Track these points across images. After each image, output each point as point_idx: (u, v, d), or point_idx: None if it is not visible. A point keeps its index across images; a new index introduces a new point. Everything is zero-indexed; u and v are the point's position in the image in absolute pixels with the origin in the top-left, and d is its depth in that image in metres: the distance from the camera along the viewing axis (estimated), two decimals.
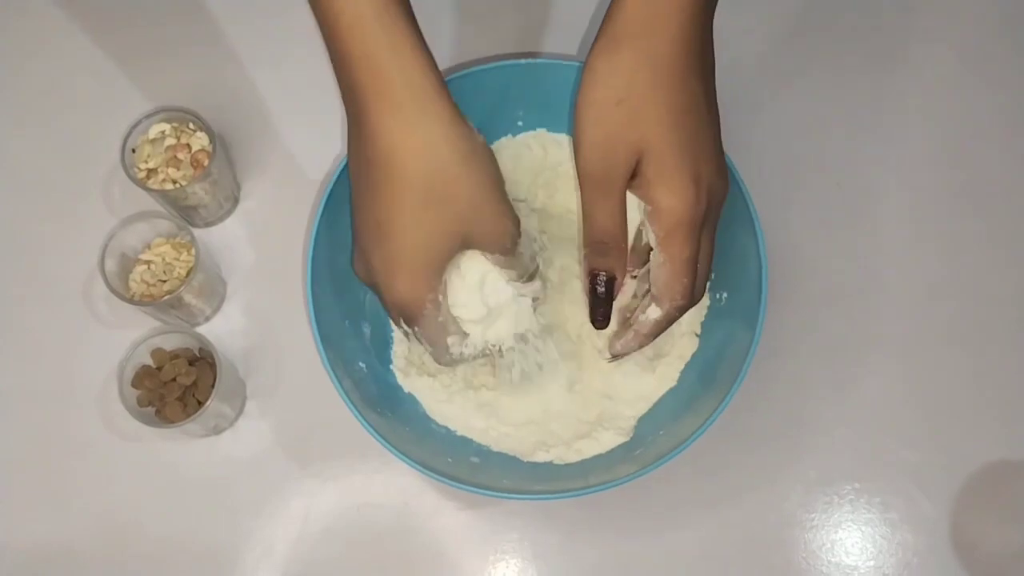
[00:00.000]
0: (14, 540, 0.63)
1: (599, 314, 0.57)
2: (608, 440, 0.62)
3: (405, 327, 0.54)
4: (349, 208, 0.55)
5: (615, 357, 0.60)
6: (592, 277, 0.56)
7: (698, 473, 0.64)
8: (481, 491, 0.56)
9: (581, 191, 0.54)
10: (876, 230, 0.70)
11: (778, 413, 0.65)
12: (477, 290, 0.55)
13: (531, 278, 0.57)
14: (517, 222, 0.54)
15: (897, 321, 0.67)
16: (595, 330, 0.58)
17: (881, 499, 0.64)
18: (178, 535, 0.63)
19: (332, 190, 0.60)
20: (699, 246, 0.53)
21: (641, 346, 0.58)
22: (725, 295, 0.63)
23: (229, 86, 0.72)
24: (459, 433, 0.63)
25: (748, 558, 0.63)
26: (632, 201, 0.54)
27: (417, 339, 0.55)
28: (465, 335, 0.56)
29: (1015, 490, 0.64)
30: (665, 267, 0.53)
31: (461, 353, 0.56)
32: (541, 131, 0.67)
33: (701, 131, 0.52)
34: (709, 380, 0.61)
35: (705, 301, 0.64)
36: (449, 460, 0.59)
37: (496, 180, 0.53)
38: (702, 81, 0.52)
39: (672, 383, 0.63)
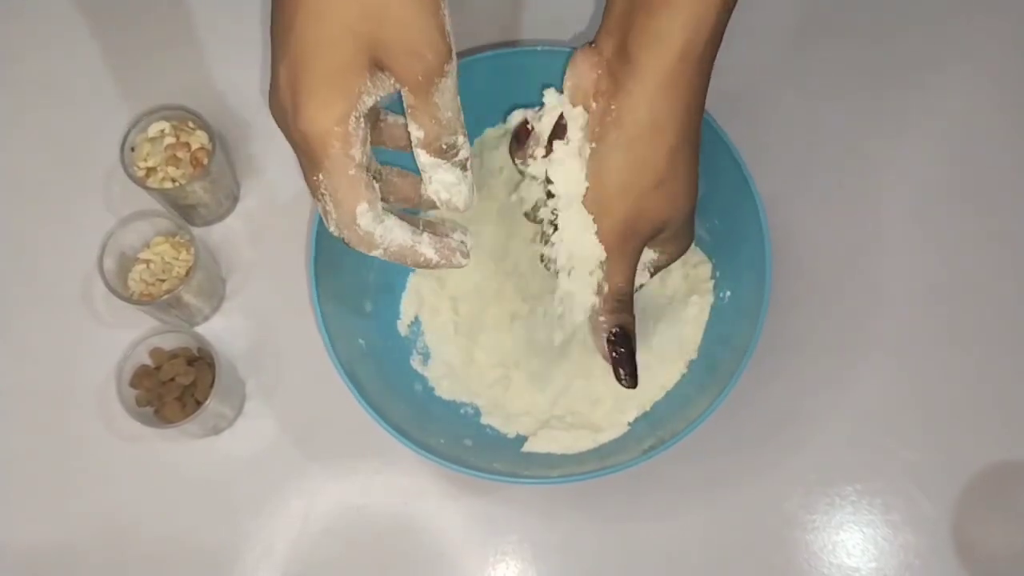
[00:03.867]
0: (14, 540, 0.63)
1: (627, 371, 0.55)
2: (606, 434, 0.62)
3: (317, 190, 0.46)
4: None
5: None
6: (612, 335, 0.55)
7: (698, 474, 0.64)
8: (471, 472, 0.56)
9: (608, 259, 0.54)
10: (877, 230, 0.69)
11: (778, 414, 0.65)
12: None
13: (448, 153, 0.47)
14: (445, 49, 0.44)
15: (898, 321, 0.67)
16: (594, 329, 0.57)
17: (882, 500, 0.64)
18: (178, 535, 0.63)
19: None
20: None
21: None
22: (728, 294, 0.63)
23: (229, 85, 0.72)
24: (461, 402, 0.63)
25: (749, 559, 0.63)
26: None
27: (320, 199, 0.46)
28: (381, 211, 0.47)
29: (1016, 490, 0.64)
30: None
31: (372, 233, 0.46)
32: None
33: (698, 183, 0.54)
34: (709, 377, 0.61)
35: (709, 299, 0.64)
36: (442, 441, 0.59)
37: None
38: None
39: (675, 380, 0.63)
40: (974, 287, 0.68)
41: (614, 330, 0.55)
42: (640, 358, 0.63)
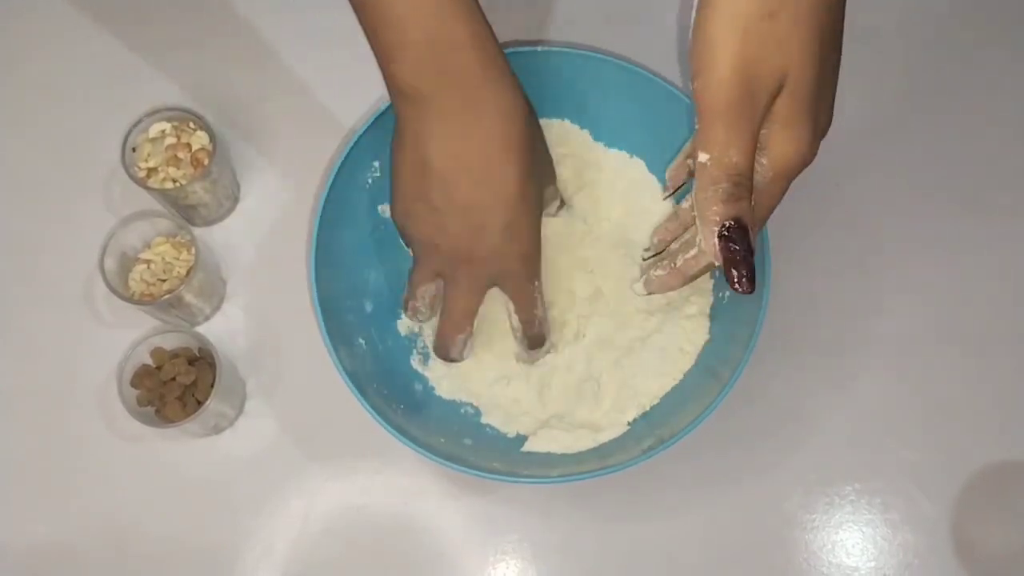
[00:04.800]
0: (14, 540, 0.63)
1: (744, 272, 0.45)
2: (606, 433, 0.62)
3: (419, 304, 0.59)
4: (357, 189, 0.56)
5: (650, 292, 0.56)
6: (727, 229, 0.45)
7: (698, 473, 0.64)
8: (470, 471, 0.56)
9: (708, 124, 0.44)
10: (876, 229, 0.69)
11: (778, 414, 0.65)
12: None
13: (539, 343, 0.61)
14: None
15: (897, 321, 0.67)
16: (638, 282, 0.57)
17: (882, 500, 0.64)
18: (178, 535, 0.63)
19: (335, 177, 0.61)
20: None
21: (680, 286, 0.53)
22: (727, 294, 0.63)
23: (229, 86, 0.72)
24: (461, 401, 0.64)
25: (748, 558, 0.63)
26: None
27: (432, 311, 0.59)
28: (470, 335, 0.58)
29: (1015, 490, 0.64)
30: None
31: (461, 353, 0.58)
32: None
33: (835, 69, 0.46)
34: (709, 377, 0.61)
35: (708, 299, 0.64)
36: (442, 440, 0.60)
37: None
38: (843, 6, 0.45)
39: (675, 381, 0.63)
40: (974, 287, 0.68)
41: (728, 223, 0.45)
42: (639, 357, 0.63)
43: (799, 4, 0.43)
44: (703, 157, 0.45)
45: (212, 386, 0.60)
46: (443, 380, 0.64)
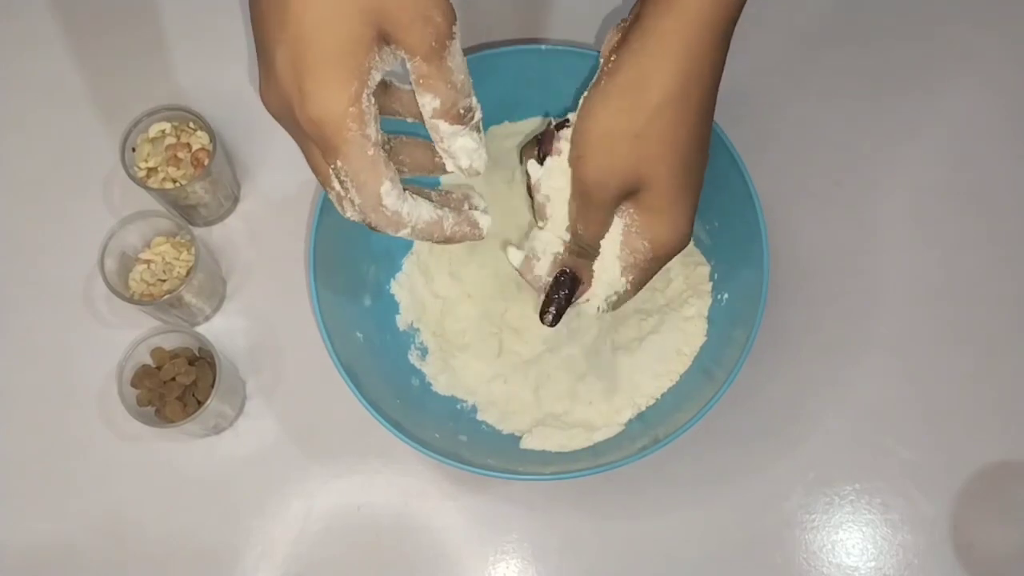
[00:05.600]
0: (14, 540, 0.63)
1: (553, 310, 0.55)
2: (601, 432, 0.62)
3: (334, 183, 0.46)
4: None
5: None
6: (560, 273, 0.55)
7: (697, 474, 0.64)
8: (465, 467, 0.56)
9: (574, 201, 0.53)
10: (876, 230, 0.69)
11: (778, 414, 0.65)
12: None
13: (466, 118, 0.48)
14: (450, 12, 0.44)
15: (897, 321, 0.67)
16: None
17: (881, 499, 0.64)
18: (178, 535, 0.63)
19: None
20: None
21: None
22: (726, 296, 0.63)
23: (229, 86, 0.72)
24: (458, 398, 0.63)
25: (748, 558, 0.63)
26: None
27: (342, 186, 0.46)
28: (403, 188, 0.46)
29: (1015, 490, 0.64)
30: (624, 279, 0.54)
31: (399, 212, 0.46)
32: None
33: (702, 167, 0.52)
34: (706, 378, 0.61)
35: (707, 300, 0.64)
36: (437, 436, 0.60)
37: None
38: (712, 114, 0.51)
39: (671, 382, 0.63)
40: (973, 287, 0.68)
41: (565, 269, 0.55)
42: (635, 358, 0.63)
43: (663, 130, 0.49)
44: (570, 219, 0.54)
45: (212, 386, 0.60)
46: (440, 376, 0.64)
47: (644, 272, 0.53)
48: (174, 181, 0.66)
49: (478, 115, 0.48)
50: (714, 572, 0.63)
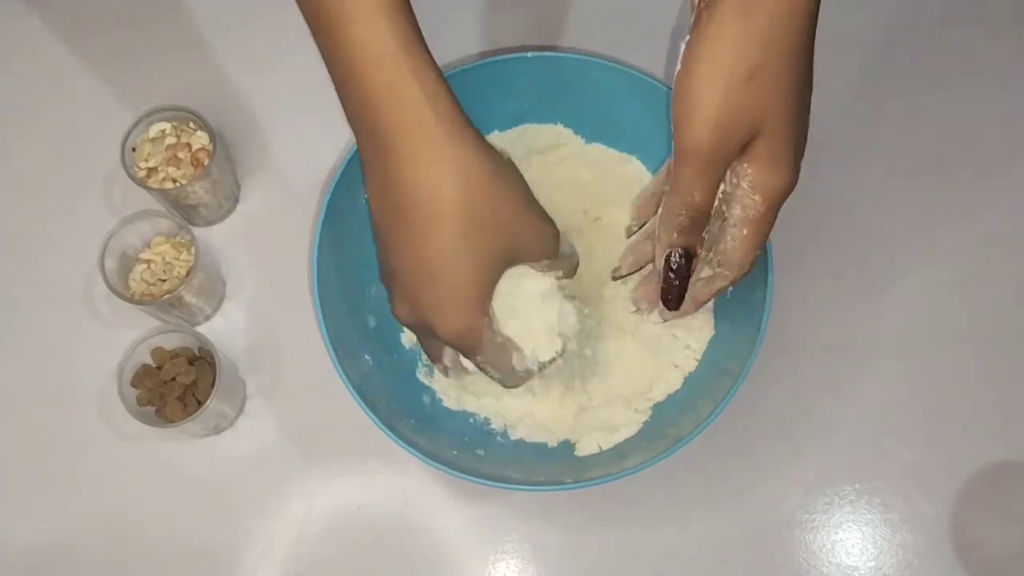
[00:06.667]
0: (14, 540, 0.63)
1: (674, 293, 0.53)
2: (620, 433, 0.62)
3: (462, 362, 0.54)
4: (354, 209, 0.54)
5: (666, 320, 0.58)
6: (671, 254, 0.53)
7: (698, 473, 0.64)
8: (485, 482, 0.56)
9: (682, 166, 0.49)
10: (876, 230, 0.70)
11: (778, 414, 0.65)
12: (534, 302, 0.54)
13: (575, 272, 0.55)
14: (554, 224, 0.52)
15: (898, 321, 0.67)
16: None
17: (881, 499, 0.64)
18: (178, 535, 0.63)
19: (335, 189, 0.61)
20: None
21: (695, 311, 0.56)
22: (730, 290, 0.63)
23: (229, 86, 0.72)
24: (471, 412, 0.63)
25: (748, 558, 0.63)
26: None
27: (481, 369, 0.53)
28: (521, 349, 0.53)
29: (1015, 490, 0.64)
30: (747, 240, 0.51)
31: (527, 369, 0.54)
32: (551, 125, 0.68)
33: (808, 105, 0.49)
34: (718, 371, 0.61)
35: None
36: (455, 452, 0.60)
37: (527, 189, 0.51)
38: (813, 49, 0.48)
39: (684, 376, 0.63)
40: (974, 287, 0.68)
41: (678, 251, 0.52)
42: (644, 357, 0.63)
43: (777, 63, 0.46)
44: (672, 190, 0.51)
45: (212, 386, 0.60)
46: (450, 391, 0.64)
47: (765, 225, 0.51)
48: (174, 181, 0.66)
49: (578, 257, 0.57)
50: (714, 572, 0.63)
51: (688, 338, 0.63)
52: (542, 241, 0.51)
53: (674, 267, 0.53)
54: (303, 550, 0.63)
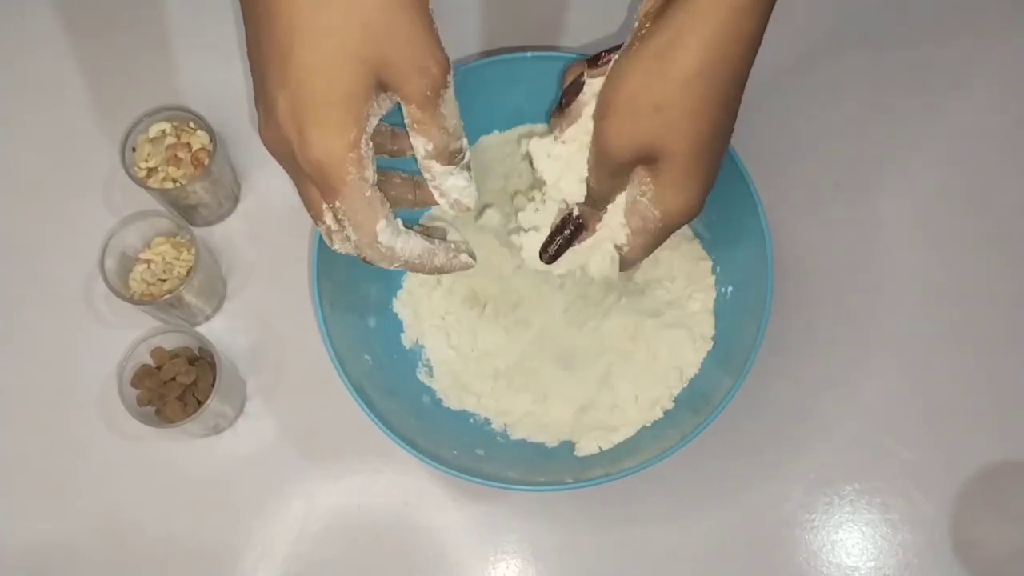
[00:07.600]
0: (14, 540, 0.63)
1: (553, 251, 0.55)
2: (619, 433, 0.62)
3: (326, 217, 0.48)
4: None
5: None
6: (568, 214, 0.55)
7: (698, 473, 0.64)
8: (485, 482, 0.56)
9: (592, 156, 0.52)
10: (876, 230, 0.69)
11: (778, 414, 0.65)
12: None
13: (457, 159, 0.50)
14: (445, 63, 0.46)
15: (897, 321, 0.67)
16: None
17: (881, 499, 0.64)
18: (178, 535, 0.63)
19: None
20: None
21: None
22: (730, 289, 0.63)
23: (229, 86, 0.72)
24: (471, 412, 0.63)
25: (748, 558, 0.63)
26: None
27: (339, 224, 0.48)
28: (399, 224, 0.49)
29: (1015, 490, 0.64)
30: (637, 249, 0.53)
31: (393, 248, 0.48)
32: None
33: (726, 135, 0.51)
34: (721, 371, 0.61)
35: (712, 293, 0.64)
36: (455, 452, 0.60)
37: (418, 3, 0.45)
38: (741, 93, 0.50)
39: (687, 377, 0.63)
40: (974, 287, 0.68)
41: (573, 212, 0.54)
42: (646, 359, 0.63)
43: (689, 102, 0.48)
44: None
45: (212, 386, 0.60)
46: (449, 391, 0.64)
47: (653, 237, 0.53)
48: (174, 181, 0.66)
49: (467, 155, 0.50)
50: (714, 572, 0.63)
51: (689, 337, 0.63)
52: (416, 64, 0.45)
53: (564, 224, 0.55)
54: (303, 550, 0.63)
